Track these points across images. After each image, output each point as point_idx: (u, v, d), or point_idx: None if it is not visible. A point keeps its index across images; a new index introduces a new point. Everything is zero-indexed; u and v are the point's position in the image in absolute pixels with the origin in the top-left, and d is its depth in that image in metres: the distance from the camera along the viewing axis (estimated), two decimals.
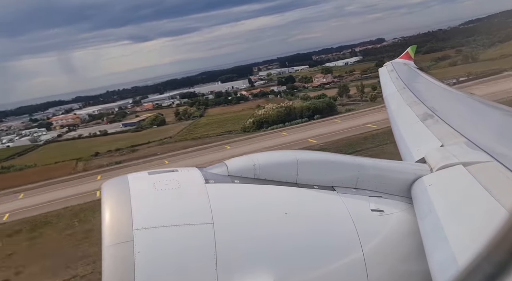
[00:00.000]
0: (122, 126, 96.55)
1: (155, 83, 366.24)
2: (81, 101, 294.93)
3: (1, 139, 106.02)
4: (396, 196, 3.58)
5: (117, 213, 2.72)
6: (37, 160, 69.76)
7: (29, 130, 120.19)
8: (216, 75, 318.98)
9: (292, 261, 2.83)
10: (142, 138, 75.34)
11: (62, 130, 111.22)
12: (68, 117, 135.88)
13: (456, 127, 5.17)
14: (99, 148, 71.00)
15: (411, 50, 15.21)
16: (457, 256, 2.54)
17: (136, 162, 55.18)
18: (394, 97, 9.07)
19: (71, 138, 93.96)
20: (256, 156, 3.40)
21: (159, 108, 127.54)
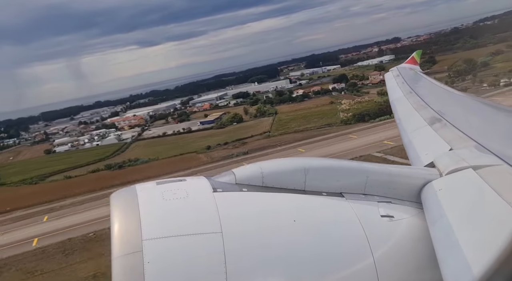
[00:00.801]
0: (199, 124, 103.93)
1: (176, 86, 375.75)
2: (102, 105, 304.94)
3: (91, 139, 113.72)
4: (406, 201, 3.57)
5: (126, 224, 2.76)
6: (141, 155, 77.24)
7: (97, 130, 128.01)
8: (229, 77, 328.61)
9: (302, 268, 2.84)
10: (233, 133, 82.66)
11: (133, 129, 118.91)
12: (129, 118, 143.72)
13: (465, 131, 5.13)
14: (200, 143, 78.53)
15: (416, 55, 15.10)
16: (471, 262, 2.50)
17: (260, 153, 62.25)
18: (401, 101, 9.00)
19: (155, 136, 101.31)
20: (264, 164, 3.45)
21: (217, 108, 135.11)
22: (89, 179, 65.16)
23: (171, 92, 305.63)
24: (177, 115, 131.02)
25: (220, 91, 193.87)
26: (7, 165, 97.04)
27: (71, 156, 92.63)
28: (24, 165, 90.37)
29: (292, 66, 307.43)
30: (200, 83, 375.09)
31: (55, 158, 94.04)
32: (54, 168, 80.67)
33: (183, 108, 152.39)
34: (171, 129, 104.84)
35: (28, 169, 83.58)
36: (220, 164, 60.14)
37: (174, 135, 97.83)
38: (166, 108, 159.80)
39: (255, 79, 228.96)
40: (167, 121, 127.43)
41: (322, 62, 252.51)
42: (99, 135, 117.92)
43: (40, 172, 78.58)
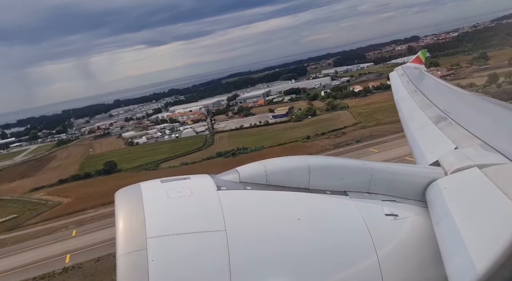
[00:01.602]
0: (272, 118, 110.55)
1: (193, 84, 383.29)
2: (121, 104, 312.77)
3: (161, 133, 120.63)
4: (410, 200, 3.58)
5: (131, 222, 2.79)
6: (236, 145, 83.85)
7: (161, 125, 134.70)
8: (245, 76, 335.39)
9: (306, 267, 2.87)
10: (317, 125, 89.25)
11: (198, 124, 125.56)
12: (187, 113, 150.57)
13: (470, 129, 5.15)
14: (289, 134, 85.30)
15: (421, 54, 15.15)
16: (475, 261, 2.50)
17: (375, 141, 67.91)
18: (405, 100, 8.99)
19: (233, 128, 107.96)
20: (268, 162, 3.47)
21: (271, 103, 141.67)
22: (212, 164, 71.73)
23: (190, 90, 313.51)
24: (236, 110, 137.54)
25: (258, 89, 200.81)
26: (99, 156, 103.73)
27: (159, 148, 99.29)
28: (118, 155, 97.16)
29: (313, 64, 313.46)
30: (216, 82, 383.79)
31: (145, 149, 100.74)
32: (156, 157, 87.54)
33: (230, 104, 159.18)
34: (237, 123, 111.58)
35: (126, 158, 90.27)
36: (348, 149, 66.30)
37: (252, 128, 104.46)
38: (213, 105, 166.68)
39: (286, 77, 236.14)
40: (228, 115, 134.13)
41: (347, 60, 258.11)
42: (167, 129, 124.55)
43: (144, 161, 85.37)
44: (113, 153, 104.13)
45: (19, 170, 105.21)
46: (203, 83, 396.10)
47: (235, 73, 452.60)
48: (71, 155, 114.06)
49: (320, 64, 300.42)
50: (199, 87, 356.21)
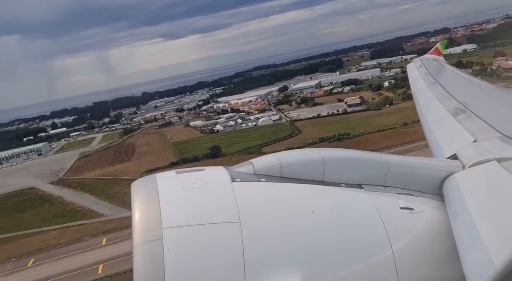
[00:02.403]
0: (347, 107, 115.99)
1: (219, 77, 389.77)
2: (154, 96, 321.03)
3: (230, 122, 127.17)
4: (427, 193, 3.56)
5: (147, 212, 2.86)
6: (328, 133, 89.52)
7: (227, 114, 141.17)
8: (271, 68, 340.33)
9: (320, 259, 2.89)
10: (402, 113, 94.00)
11: (264, 113, 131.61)
12: (247, 103, 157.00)
13: (490, 122, 5.09)
14: (377, 121, 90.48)
15: (440, 45, 14.91)
16: (493, 257, 2.47)
17: None
18: (423, 92, 8.96)
19: (310, 117, 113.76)
20: (282, 155, 3.48)
21: (331, 94, 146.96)
22: None
23: (219, 83, 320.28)
24: (299, 100, 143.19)
25: (303, 81, 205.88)
26: (183, 142, 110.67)
27: (247, 134, 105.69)
28: (208, 141, 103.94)
29: (342, 56, 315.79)
30: (242, 74, 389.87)
31: (230, 136, 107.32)
32: (251, 142, 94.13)
33: (287, 94, 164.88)
34: (310, 112, 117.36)
35: (221, 144, 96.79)
36: None
37: (330, 116, 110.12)
38: (265, 95, 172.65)
39: (325, 69, 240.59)
40: (291, 105, 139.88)
41: (384, 52, 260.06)
42: (237, 118, 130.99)
43: (243, 146, 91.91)
44: (200, 139, 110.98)
45: (109, 156, 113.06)
46: (229, 76, 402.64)
47: (260, 66, 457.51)
48: (152, 142, 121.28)
49: (351, 57, 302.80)
50: (226, 80, 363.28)
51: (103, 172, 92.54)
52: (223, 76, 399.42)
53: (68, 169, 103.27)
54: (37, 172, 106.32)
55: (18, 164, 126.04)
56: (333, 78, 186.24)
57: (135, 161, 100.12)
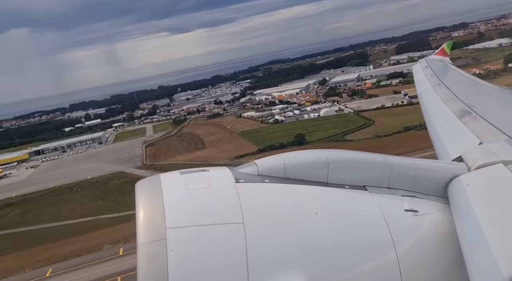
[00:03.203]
0: (408, 98, 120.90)
1: (234, 71, 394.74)
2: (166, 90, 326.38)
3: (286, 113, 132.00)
4: (432, 196, 3.58)
5: (151, 212, 2.90)
6: (397, 122, 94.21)
7: (279, 105, 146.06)
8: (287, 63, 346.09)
9: (323, 261, 2.91)
10: None
11: (316, 105, 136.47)
12: (294, 95, 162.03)
13: (496, 124, 5.11)
14: None
15: (446, 46, 15.05)
16: (499, 261, 2.47)
17: None
18: (429, 93, 9.05)
19: (373, 108, 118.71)
20: (286, 156, 3.53)
21: (380, 87, 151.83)
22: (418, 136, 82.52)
23: (236, 77, 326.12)
24: (350, 93, 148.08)
25: (338, 75, 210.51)
26: (250, 132, 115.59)
27: (319, 124, 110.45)
28: (278, 130, 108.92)
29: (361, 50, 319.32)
30: (256, 68, 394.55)
31: (298, 126, 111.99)
32: (327, 132, 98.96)
33: (319, 88, 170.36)
34: (369, 104, 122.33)
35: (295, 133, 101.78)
36: None
37: (395, 107, 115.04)
38: (306, 88, 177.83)
39: (354, 63, 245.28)
40: (342, 97, 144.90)
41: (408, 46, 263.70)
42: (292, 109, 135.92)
43: (320, 135, 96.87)
44: (267, 129, 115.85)
45: (176, 144, 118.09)
46: (244, 70, 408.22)
47: (274, 60, 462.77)
48: (213, 131, 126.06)
49: (371, 51, 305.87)
50: (242, 74, 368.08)
51: (185, 158, 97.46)
52: (238, 70, 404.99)
53: (145, 156, 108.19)
54: (111, 159, 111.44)
55: (83, 152, 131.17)
56: (370, 71, 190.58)
57: (211, 148, 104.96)
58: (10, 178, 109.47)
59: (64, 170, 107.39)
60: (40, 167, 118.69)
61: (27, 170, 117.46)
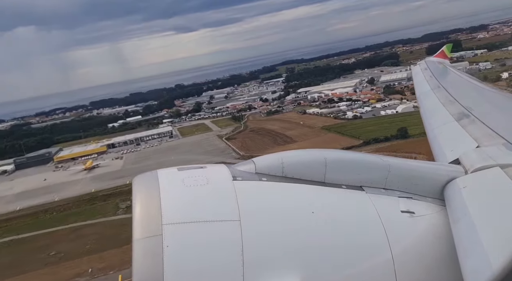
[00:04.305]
0: None
1: (250, 71, 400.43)
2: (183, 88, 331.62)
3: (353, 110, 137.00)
4: (428, 197, 3.65)
5: (147, 208, 2.95)
6: None
7: (344, 102, 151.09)
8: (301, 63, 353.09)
9: (319, 260, 2.97)
10: None
11: (383, 102, 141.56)
12: (355, 93, 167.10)
13: (494, 128, 5.19)
14: None
15: (446, 48, 15.38)
16: (493, 262, 2.54)
17: None
18: (428, 96, 9.20)
19: None
20: (284, 154, 3.60)
21: None
22: None
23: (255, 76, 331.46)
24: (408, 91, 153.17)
25: (379, 74, 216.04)
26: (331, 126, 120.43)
27: (402, 120, 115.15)
28: (360, 127, 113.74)
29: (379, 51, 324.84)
30: (270, 68, 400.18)
31: (382, 121, 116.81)
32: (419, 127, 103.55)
33: (370, 86, 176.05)
34: None
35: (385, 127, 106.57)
36: None
37: None
38: (356, 86, 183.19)
39: (388, 63, 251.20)
40: (405, 95, 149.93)
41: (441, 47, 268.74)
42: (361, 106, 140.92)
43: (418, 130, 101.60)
44: (349, 124, 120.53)
45: (258, 138, 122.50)
46: (258, 70, 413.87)
47: (289, 60, 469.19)
48: (287, 127, 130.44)
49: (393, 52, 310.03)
50: (258, 73, 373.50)
51: (284, 150, 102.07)
52: (254, 70, 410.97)
53: (233, 148, 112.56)
54: (197, 151, 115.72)
55: (158, 145, 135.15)
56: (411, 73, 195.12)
57: (303, 142, 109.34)
58: (104, 168, 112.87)
59: (155, 161, 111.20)
60: (126, 159, 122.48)
61: (114, 161, 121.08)
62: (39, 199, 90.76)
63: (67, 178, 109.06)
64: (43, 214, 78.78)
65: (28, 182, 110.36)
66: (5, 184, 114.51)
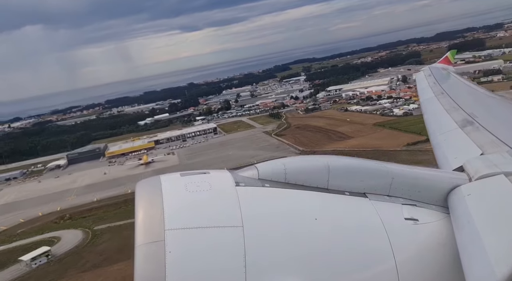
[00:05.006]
0: None
1: (263, 70, 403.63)
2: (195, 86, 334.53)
3: None
4: (432, 205, 3.66)
5: (150, 213, 2.97)
6: None
7: (386, 100, 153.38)
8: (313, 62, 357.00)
9: (321, 267, 2.98)
10: None
11: None
12: (391, 91, 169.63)
13: (498, 135, 5.23)
14: None
15: (450, 54, 15.42)
16: (496, 270, 2.56)
17: None
18: (431, 102, 9.23)
19: None
20: (287, 161, 3.63)
21: (481, 83, 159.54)
22: None
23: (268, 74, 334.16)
24: None
25: (407, 72, 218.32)
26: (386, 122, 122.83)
27: None
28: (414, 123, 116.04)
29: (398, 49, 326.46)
30: (282, 67, 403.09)
31: None
32: None
33: (404, 84, 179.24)
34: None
35: None
36: None
37: None
38: (388, 84, 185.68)
39: (412, 62, 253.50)
40: None
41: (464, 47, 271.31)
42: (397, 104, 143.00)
43: None
44: (404, 121, 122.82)
45: (311, 135, 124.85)
46: (270, 69, 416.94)
47: (300, 59, 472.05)
48: (337, 124, 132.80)
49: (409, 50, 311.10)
50: (272, 71, 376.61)
51: (345, 145, 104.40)
52: (266, 68, 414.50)
53: (294, 144, 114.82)
54: (252, 147, 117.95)
55: (204, 142, 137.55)
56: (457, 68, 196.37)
57: (360, 138, 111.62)
58: (160, 163, 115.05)
59: (212, 156, 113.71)
60: (178, 154, 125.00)
61: (167, 156, 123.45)
62: (112, 191, 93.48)
63: (127, 172, 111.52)
64: (124, 204, 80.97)
65: (90, 176, 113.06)
66: (65, 177, 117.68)
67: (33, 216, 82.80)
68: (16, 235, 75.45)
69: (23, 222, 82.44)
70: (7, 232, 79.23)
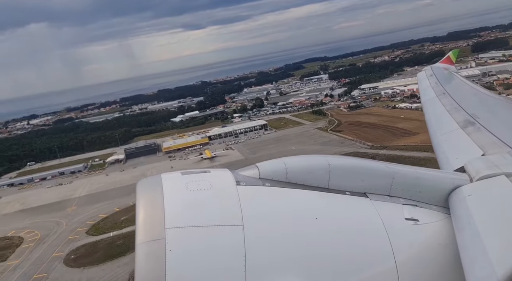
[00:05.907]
0: None
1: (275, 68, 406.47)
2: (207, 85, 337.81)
3: None
4: (432, 205, 3.74)
5: (150, 212, 3.04)
6: None
7: None
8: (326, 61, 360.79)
9: (321, 267, 3.04)
10: None
11: None
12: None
13: (500, 136, 5.31)
14: None
15: (452, 54, 15.66)
16: (497, 271, 2.61)
17: None
18: (433, 103, 9.40)
19: None
20: (288, 160, 3.70)
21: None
22: None
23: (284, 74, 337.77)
24: (505, 86, 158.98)
25: None
26: None
27: None
28: None
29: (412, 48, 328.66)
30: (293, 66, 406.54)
31: None
32: None
33: None
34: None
35: None
36: None
37: None
38: None
39: (438, 60, 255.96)
40: (496, 90, 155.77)
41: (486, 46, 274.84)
42: None
43: None
44: None
45: (371, 131, 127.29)
46: (281, 67, 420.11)
47: (311, 58, 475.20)
48: (392, 120, 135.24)
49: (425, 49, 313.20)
50: (285, 70, 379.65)
51: (415, 140, 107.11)
52: (278, 67, 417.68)
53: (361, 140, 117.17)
54: (310, 142, 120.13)
55: (257, 138, 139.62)
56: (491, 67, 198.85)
57: (423, 134, 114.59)
58: (224, 158, 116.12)
59: (272, 151, 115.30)
60: (238, 149, 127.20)
61: (227, 151, 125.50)
62: None
63: (194, 166, 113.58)
64: None
65: (157, 170, 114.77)
66: (130, 171, 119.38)
67: (126, 205, 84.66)
68: (121, 221, 77.63)
69: (118, 210, 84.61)
70: (109, 219, 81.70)
